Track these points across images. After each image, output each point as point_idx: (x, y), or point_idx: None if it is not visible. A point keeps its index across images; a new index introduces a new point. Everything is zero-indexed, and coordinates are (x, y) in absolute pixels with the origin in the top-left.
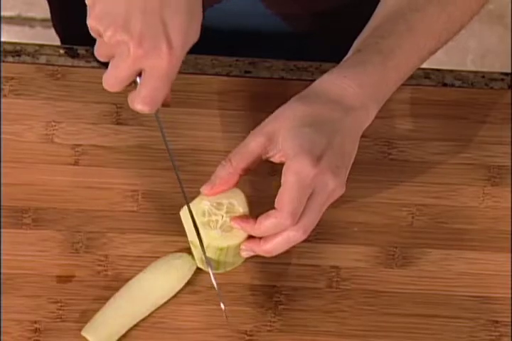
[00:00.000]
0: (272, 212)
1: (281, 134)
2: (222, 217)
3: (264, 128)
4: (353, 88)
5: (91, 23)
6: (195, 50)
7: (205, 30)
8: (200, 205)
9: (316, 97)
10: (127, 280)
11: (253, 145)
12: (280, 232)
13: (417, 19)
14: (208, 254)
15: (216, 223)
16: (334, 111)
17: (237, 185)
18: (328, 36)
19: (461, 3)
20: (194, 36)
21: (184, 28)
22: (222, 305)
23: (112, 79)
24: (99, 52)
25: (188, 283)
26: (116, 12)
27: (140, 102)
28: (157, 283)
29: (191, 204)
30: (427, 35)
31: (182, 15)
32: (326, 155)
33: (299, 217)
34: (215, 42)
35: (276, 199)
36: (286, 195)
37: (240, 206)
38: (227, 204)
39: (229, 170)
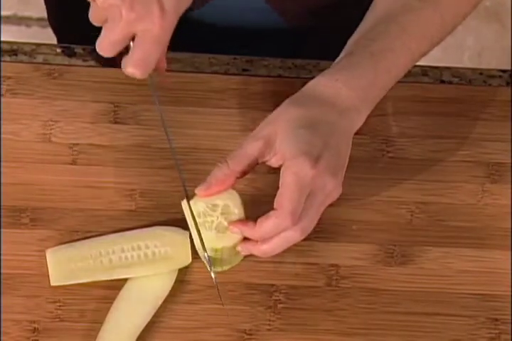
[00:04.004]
0: (271, 212)
1: (278, 137)
2: (217, 218)
3: (261, 132)
4: (345, 91)
5: None
6: (192, 45)
7: (202, 25)
8: (196, 206)
9: (310, 100)
10: (126, 279)
11: (250, 149)
12: (278, 233)
13: (410, 21)
14: (203, 254)
15: (211, 224)
16: (328, 114)
17: (233, 186)
18: (326, 33)
19: (454, 4)
20: (187, 2)
21: None
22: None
23: (105, 43)
24: (93, 16)
25: (187, 282)
26: None
27: (132, 65)
28: (149, 285)
29: (186, 205)
30: (420, 37)
31: None
32: (323, 156)
33: (298, 217)
34: (212, 38)
35: (275, 200)
36: (286, 196)
37: (235, 207)
38: (222, 206)
39: (225, 172)
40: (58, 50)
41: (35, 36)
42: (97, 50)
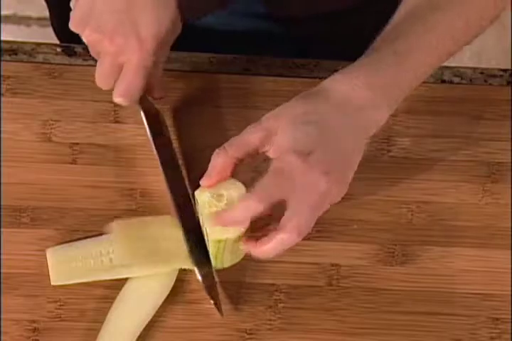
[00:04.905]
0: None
1: (279, 130)
2: (222, 209)
3: (264, 122)
4: (363, 88)
5: (71, 27)
6: (192, 51)
7: (203, 32)
8: (201, 197)
9: (323, 96)
10: (126, 279)
11: (250, 137)
12: (274, 235)
13: (435, 20)
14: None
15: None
16: (338, 111)
17: (232, 174)
18: (327, 40)
19: (481, 6)
20: (167, 29)
21: (153, 22)
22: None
23: (98, 76)
24: (90, 51)
25: (187, 282)
26: (90, 15)
27: (117, 95)
28: (149, 285)
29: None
30: (445, 36)
31: (149, 11)
32: (318, 152)
33: (269, 203)
34: (213, 44)
35: None
36: (262, 179)
37: (240, 198)
38: (227, 196)
39: (223, 158)
40: (58, 50)
41: (35, 35)
42: (97, 85)
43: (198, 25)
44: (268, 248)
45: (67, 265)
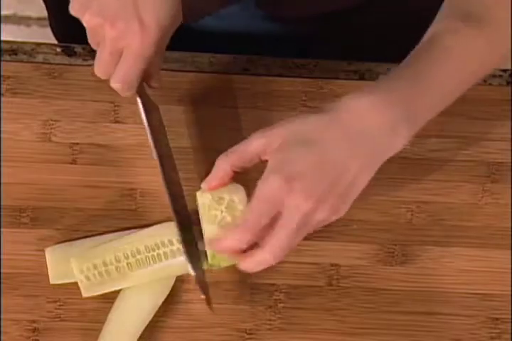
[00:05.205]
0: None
1: (277, 144)
2: (222, 212)
3: (270, 131)
4: (381, 106)
5: (71, 11)
6: (194, 51)
7: (206, 32)
8: (202, 198)
9: (334, 114)
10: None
11: (253, 143)
12: (253, 253)
13: (457, 45)
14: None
15: (215, 218)
16: (346, 134)
17: (231, 180)
18: (328, 40)
19: (502, 26)
20: (170, 16)
21: (157, 8)
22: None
23: (97, 64)
24: (90, 40)
25: (187, 282)
26: None
27: (115, 81)
28: (149, 284)
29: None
30: (471, 58)
31: None
32: (304, 176)
33: (258, 229)
34: (215, 44)
35: None
36: (250, 204)
37: (240, 203)
38: (228, 200)
39: (225, 165)
40: (58, 50)
41: (35, 35)
42: (96, 74)
43: (199, 26)
44: (248, 264)
45: (66, 264)
